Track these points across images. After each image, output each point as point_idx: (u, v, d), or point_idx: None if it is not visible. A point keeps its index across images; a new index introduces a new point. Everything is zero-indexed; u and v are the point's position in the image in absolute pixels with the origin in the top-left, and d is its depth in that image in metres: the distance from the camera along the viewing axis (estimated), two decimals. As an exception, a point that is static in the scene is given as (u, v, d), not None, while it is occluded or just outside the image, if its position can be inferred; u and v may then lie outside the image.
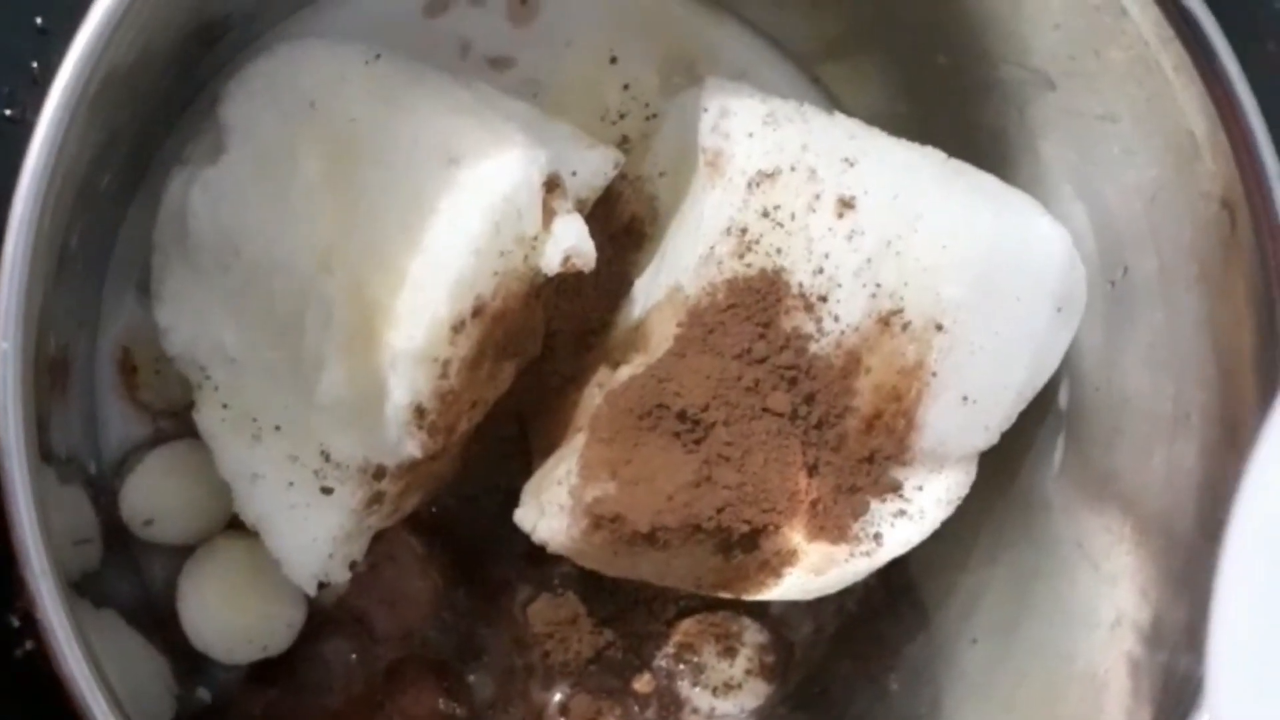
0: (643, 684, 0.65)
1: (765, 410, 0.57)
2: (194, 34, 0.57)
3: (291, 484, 0.58)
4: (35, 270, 0.45)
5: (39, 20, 0.63)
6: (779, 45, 0.69)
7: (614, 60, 0.67)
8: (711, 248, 0.57)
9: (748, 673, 0.66)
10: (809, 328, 0.58)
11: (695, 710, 0.66)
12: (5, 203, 0.47)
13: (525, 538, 0.60)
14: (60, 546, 0.48)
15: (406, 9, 0.66)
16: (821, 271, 0.57)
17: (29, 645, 0.59)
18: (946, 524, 0.60)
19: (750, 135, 0.58)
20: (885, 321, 0.58)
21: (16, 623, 0.60)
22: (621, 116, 0.67)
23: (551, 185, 0.57)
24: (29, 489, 0.45)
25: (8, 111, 0.63)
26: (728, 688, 0.66)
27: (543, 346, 0.62)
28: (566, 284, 0.61)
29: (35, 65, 0.63)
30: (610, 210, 0.64)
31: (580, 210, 0.59)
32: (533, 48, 0.67)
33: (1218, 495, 0.55)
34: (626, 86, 0.67)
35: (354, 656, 0.64)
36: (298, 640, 0.63)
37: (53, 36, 0.63)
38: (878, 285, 0.57)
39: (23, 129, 0.62)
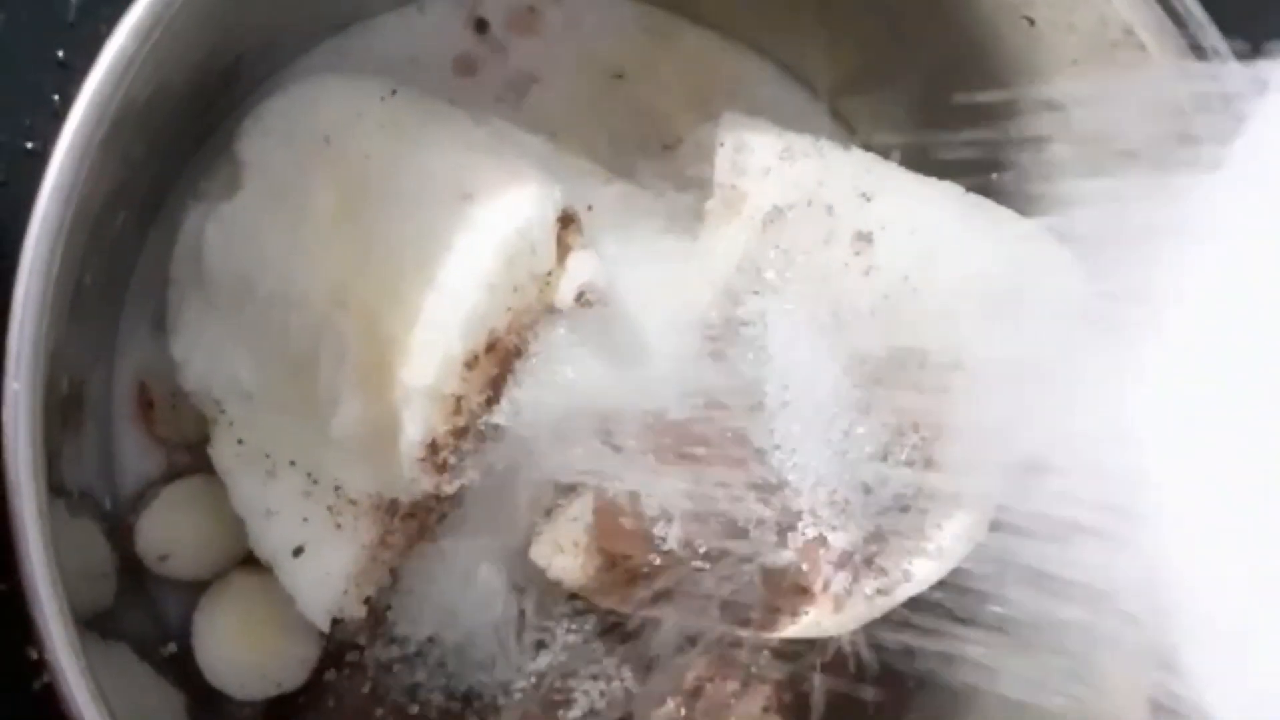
0: (659, 720, 0.65)
1: (784, 447, 0.57)
2: (210, 70, 0.57)
3: (306, 519, 0.58)
4: (46, 310, 0.45)
5: (60, 54, 0.64)
6: (798, 78, 0.69)
7: (632, 94, 0.67)
8: (728, 284, 0.57)
9: (765, 710, 0.65)
10: (825, 364, 0.58)
11: (712, 747, 0.66)
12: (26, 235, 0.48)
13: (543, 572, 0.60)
14: (72, 583, 0.48)
15: (420, 38, 0.67)
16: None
17: (47, 679, 0.59)
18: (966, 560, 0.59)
19: (767, 170, 0.58)
20: (902, 357, 0.57)
21: (35, 655, 0.59)
22: (639, 150, 0.67)
23: (566, 221, 0.57)
24: (39, 528, 0.45)
25: (29, 144, 0.64)
26: (745, 725, 0.65)
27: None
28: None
29: (56, 98, 0.63)
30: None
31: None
32: (549, 79, 0.67)
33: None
34: (645, 120, 0.67)
35: (367, 691, 0.64)
36: (311, 676, 0.63)
37: (73, 70, 0.63)
38: (896, 320, 0.57)
39: (44, 162, 0.63)
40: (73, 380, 0.57)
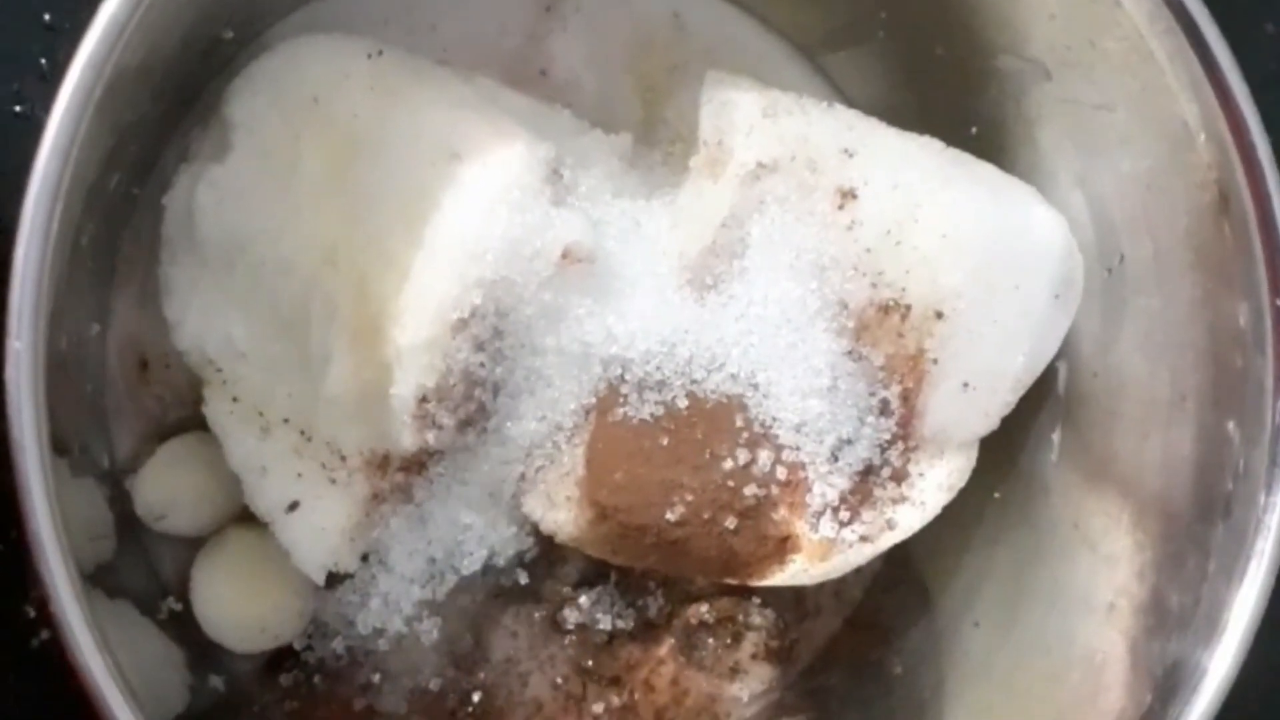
0: (651, 669, 0.66)
1: (770, 399, 0.59)
2: (199, 32, 0.57)
3: (300, 475, 0.59)
4: (47, 271, 0.45)
5: (46, 17, 0.64)
6: (784, 35, 0.69)
7: (623, 55, 0.67)
8: (713, 240, 0.58)
9: (753, 657, 0.66)
10: (811, 316, 0.59)
11: (702, 694, 0.67)
12: (16, 197, 0.48)
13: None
14: (75, 540, 0.48)
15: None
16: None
17: (45, 635, 0.60)
18: (948, 508, 0.60)
19: (750, 128, 0.59)
20: (885, 310, 0.58)
21: (33, 613, 0.60)
22: (624, 106, 0.67)
23: (554, 178, 0.58)
24: (44, 485, 0.46)
25: (17, 108, 0.64)
26: (734, 671, 0.66)
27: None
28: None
29: (43, 62, 0.64)
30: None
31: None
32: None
33: (1213, 476, 0.56)
34: (629, 76, 0.67)
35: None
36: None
37: (60, 33, 0.64)
38: (879, 274, 0.58)
39: (31, 125, 0.63)
40: (70, 340, 0.58)
